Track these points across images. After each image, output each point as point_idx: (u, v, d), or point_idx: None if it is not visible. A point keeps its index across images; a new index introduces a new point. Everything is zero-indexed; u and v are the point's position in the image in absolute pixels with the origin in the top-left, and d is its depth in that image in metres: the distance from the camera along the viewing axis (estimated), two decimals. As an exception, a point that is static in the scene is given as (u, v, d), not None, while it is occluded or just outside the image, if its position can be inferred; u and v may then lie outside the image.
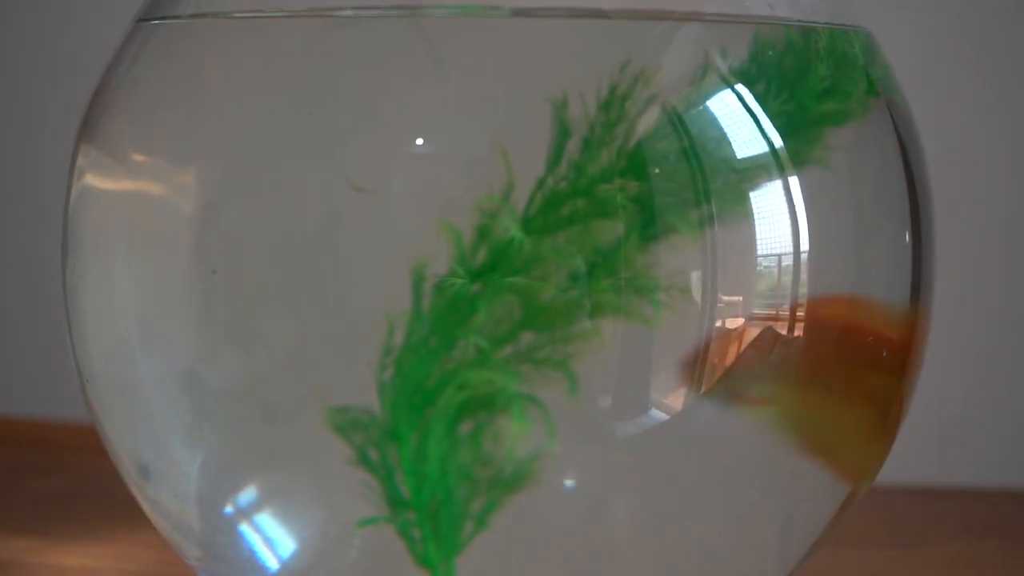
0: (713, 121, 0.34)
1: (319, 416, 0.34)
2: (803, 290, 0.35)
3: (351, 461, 0.34)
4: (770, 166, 0.35)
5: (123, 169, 0.37)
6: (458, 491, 0.34)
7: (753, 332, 0.35)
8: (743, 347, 0.35)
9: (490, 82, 0.35)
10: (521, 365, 0.34)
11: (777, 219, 0.35)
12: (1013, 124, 0.64)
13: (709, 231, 0.34)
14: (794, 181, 0.35)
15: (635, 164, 0.34)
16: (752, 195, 0.34)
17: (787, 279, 0.35)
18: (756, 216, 0.34)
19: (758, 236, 0.34)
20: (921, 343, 0.39)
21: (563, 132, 0.33)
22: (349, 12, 0.35)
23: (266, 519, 0.36)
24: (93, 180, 0.38)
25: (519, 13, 0.35)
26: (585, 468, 0.35)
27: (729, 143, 0.34)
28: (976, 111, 0.64)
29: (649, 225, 0.33)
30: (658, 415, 0.34)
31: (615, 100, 0.34)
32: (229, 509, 0.36)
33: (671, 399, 0.34)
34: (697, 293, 0.34)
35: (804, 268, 0.35)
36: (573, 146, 0.33)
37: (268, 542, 0.36)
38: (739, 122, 0.34)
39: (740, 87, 0.35)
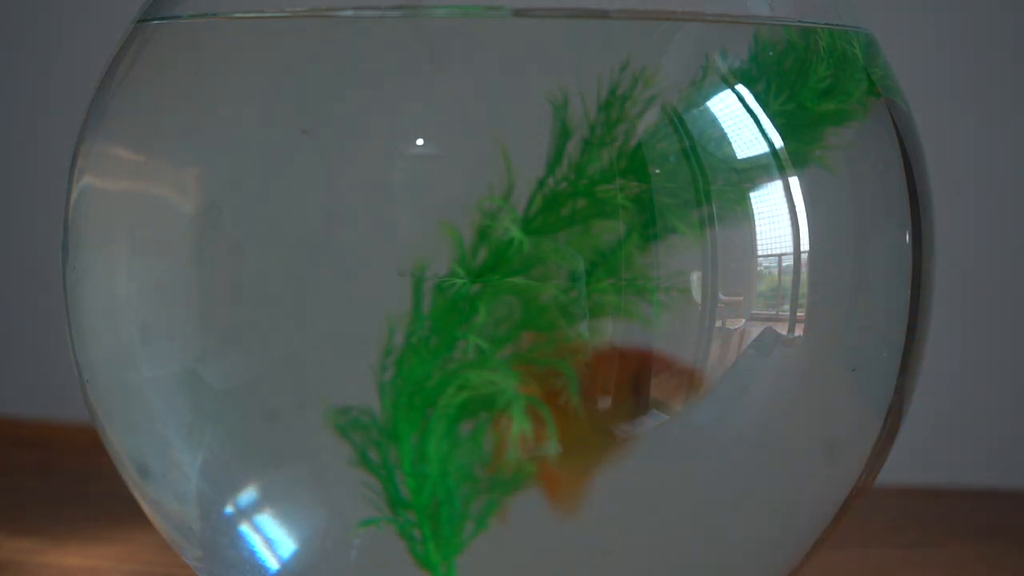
0: (713, 121, 0.34)
1: (320, 416, 0.34)
2: (803, 290, 0.35)
3: (352, 461, 0.34)
4: (770, 166, 0.35)
5: (123, 169, 0.37)
6: (458, 491, 0.34)
7: (753, 332, 0.35)
8: (743, 347, 0.35)
9: (490, 82, 0.35)
10: (522, 365, 0.33)
11: (777, 219, 0.35)
12: (1013, 124, 0.64)
13: (709, 231, 0.34)
14: (794, 181, 0.35)
15: (635, 164, 0.34)
16: (752, 195, 0.34)
17: (787, 279, 0.35)
18: (756, 216, 0.34)
19: (758, 236, 0.34)
20: (921, 343, 0.39)
21: (563, 132, 0.33)
22: (349, 12, 0.35)
23: (266, 520, 0.36)
24: (93, 180, 0.38)
25: (519, 13, 0.35)
26: (585, 468, 0.35)
27: (729, 143, 0.34)
28: (977, 111, 0.64)
29: (649, 225, 0.33)
30: (658, 415, 0.34)
31: (615, 100, 0.34)
32: (229, 509, 0.36)
33: (671, 399, 0.34)
34: (697, 294, 0.34)
35: (804, 268, 0.35)
36: (573, 146, 0.33)
37: (268, 543, 0.36)
38: (739, 122, 0.34)
39: (740, 87, 0.35)
